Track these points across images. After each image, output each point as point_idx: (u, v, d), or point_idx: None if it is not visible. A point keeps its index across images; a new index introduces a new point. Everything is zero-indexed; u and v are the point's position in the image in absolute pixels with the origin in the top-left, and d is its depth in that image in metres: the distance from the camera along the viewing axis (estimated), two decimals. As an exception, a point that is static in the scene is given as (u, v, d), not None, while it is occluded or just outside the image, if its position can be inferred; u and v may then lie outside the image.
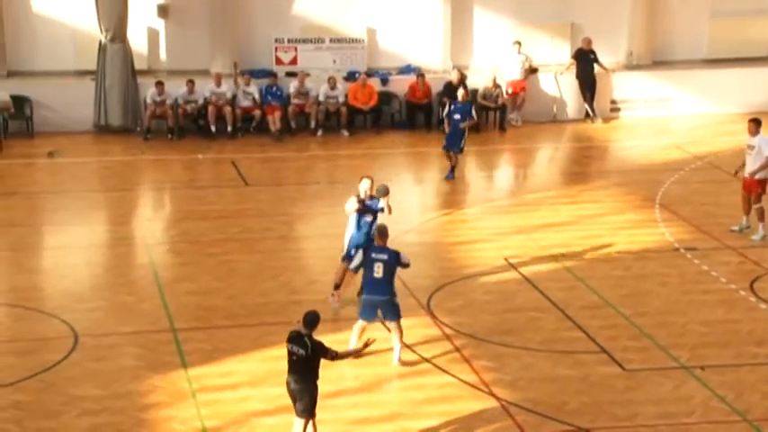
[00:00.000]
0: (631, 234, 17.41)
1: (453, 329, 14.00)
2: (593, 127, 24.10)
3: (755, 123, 17.14)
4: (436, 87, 23.56)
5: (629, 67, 24.90)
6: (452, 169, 20.12)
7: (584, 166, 22.06)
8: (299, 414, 10.89)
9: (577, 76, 24.26)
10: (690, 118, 24.30)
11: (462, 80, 23.26)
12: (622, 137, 23.64)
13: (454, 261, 16.44)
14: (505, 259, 16.32)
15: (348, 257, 14.11)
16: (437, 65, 24.13)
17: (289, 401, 11.00)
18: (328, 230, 17.11)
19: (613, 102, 24.75)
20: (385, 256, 12.84)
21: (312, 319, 10.93)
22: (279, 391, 11.41)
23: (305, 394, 10.83)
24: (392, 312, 12.96)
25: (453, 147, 20.04)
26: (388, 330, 13.13)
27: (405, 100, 23.77)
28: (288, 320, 13.25)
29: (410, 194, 20.20)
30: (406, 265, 13.12)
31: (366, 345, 11.52)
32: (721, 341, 13.74)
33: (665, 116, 24.50)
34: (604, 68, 24.33)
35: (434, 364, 13.05)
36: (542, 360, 13.18)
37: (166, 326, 14.03)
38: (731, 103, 24.59)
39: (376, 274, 12.78)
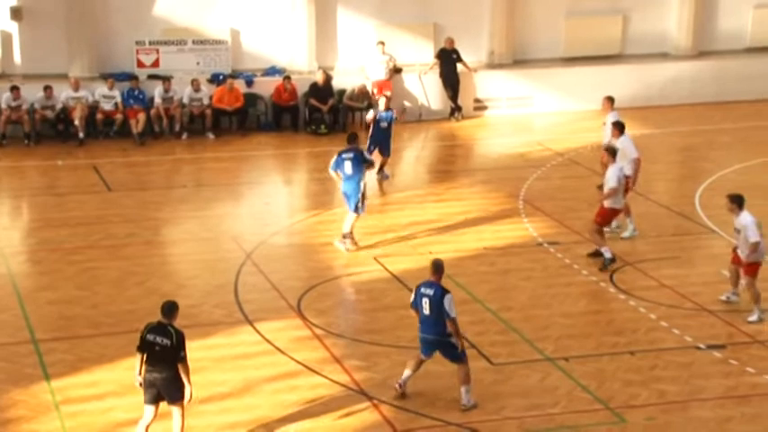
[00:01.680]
0: (496, 230, 17.74)
1: (324, 330, 14.01)
2: (458, 125, 24.44)
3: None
4: (302, 89, 23.52)
5: (491, 65, 25.35)
6: (382, 167, 20.02)
7: (449, 164, 22.37)
8: (173, 402, 10.77)
9: (441, 76, 24.58)
10: (550, 115, 24.90)
11: (328, 81, 23.29)
12: (486, 135, 24.05)
13: (323, 262, 16.46)
14: (374, 258, 16.42)
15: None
16: (302, 66, 24.10)
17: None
18: (197, 234, 16.88)
19: (477, 100, 25.15)
20: (431, 292, 12.06)
21: (170, 308, 10.89)
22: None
23: (171, 383, 10.72)
24: (450, 354, 12.21)
25: (385, 152, 19.96)
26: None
27: (271, 102, 23.67)
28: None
29: (279, 196, 20.12)
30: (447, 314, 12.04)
31: None
32: (584, 332, 14.13)
33: (527, 114, 25.04)
34: (467, 68, 24.71)
35: (306, 366, 13.04)
36: (412, 357, 13.28)
37: (27, 337, 13.64)
38: (588, 100, 25.20)
39: (424, 311, 12.12)
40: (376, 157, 19.17)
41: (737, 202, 14.29)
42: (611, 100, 18.92)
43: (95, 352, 13.26)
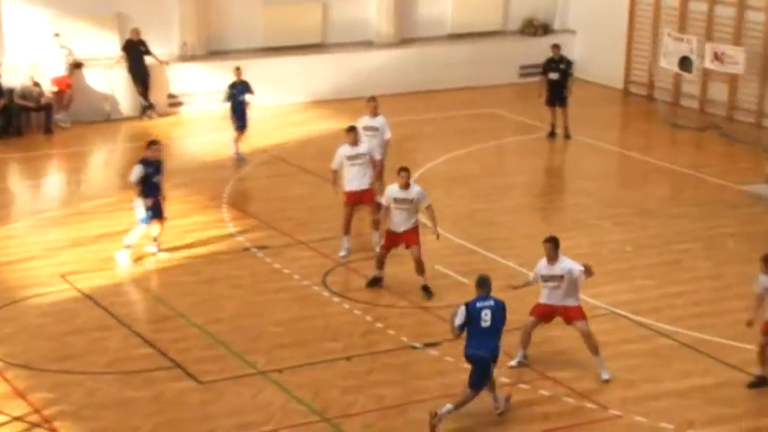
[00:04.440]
0: (200, 237, 17.55)
1: (4, 361, 13.34)
2: (152, 124, 24.02)
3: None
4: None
5: (185, 58, 25.11)
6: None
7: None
8: None
9: (129, 70, 24.07)
10: (251, 109, 24.93)
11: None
12: (183, 133, 23.78)
13: (3, 283, 15.69)
14: (62, 276, 15.84)
15: None
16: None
17: None
18: None
19: (171, 96, 24.82)
20: (491, 303, 12.22)
21: None
22: None
23: None
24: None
25: (242, 126, 21.45)
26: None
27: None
28: None
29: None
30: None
31: None
32: (297, 340, 14.24)
33: (226, 109, 24.95)
34: (159, 60, 24.33)
35: (-16, 404, 12.37)
36: (109, 384, 12.94)
37: None
38: (292, 92, 25.57)
39: (484, 324, 12.12)
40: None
41: None
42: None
43: None
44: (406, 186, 15.37)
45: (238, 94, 21.42)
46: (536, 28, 28.22)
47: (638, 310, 14.98)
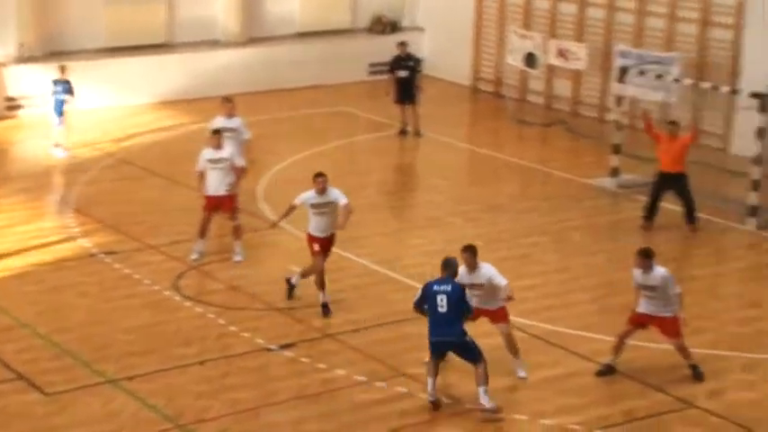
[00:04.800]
0: (44, 244, 17.14)
1: None
2: (-10, 128, 23.36)
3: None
4: None
5: (22, 59, 24.45)
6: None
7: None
8: None
9: (-42, 74, 23.36)
10: (96, 111, 24.43)
11: None
12: (23, 137, 23.18)
13: None
14: None
15: None
16: None
17: None
18: None
19: (9, 99, 24.16)
20: (448, 288, 12.36)
21: None
22: None
23: None
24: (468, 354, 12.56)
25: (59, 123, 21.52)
26: None
27: None
28: None
29: None
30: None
31: None
32: (149, 347, 14.02)
33: (69, 111, 24.33)
34: (-6, 61, 23.69)
35: None
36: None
37: None
38: (137, 93, 25.17)
39: (440, 309, 12.30)
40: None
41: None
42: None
43: None
44: (323, 191, 15.01)
45: (59, 92, 21.48)
46: (384, 26, 28.45)
47: (491, 304, 15.24)
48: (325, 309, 14.96)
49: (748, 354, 13.89)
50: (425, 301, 12.50)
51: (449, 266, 12.58)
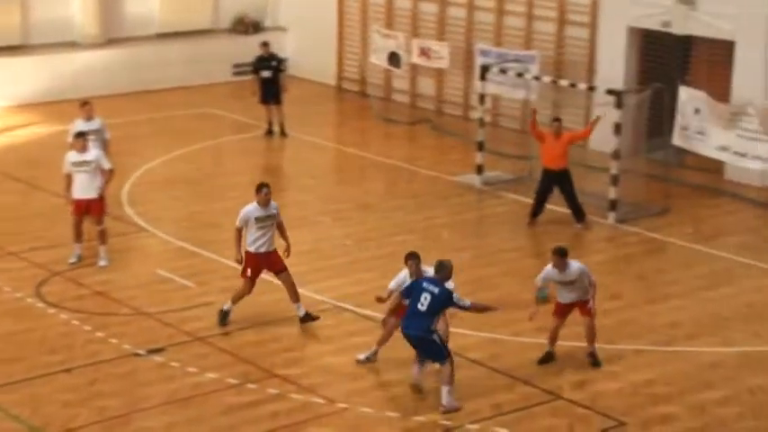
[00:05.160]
0: None
1: None
2: None
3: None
4: None
5: None
6: None
7: None
8: None
9: None
10: None
11: None
12: None
13: None
14: None
15: None
16: None
17: None
18: None
19: None
20: (435, 290, 12.47)
21: None
22: None
23: None
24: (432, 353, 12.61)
25: None
26: None
27: None
28: None
29: None
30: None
31: None
32: (12, 356, 13.74)
33: None
34: None
35: None
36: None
37: None
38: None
39: (419, 307, 12.43)
40: None
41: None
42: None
43: None
44: (266, 204, 14.42)
45: None
46: (247, 26, 28.38)
47: (361, 302, 15.37)
48: (308, 318, 14.47)
49: (611, 345, 14.32)
50: (410, 294, 12.64)
51: (442, 269, 12.69)
